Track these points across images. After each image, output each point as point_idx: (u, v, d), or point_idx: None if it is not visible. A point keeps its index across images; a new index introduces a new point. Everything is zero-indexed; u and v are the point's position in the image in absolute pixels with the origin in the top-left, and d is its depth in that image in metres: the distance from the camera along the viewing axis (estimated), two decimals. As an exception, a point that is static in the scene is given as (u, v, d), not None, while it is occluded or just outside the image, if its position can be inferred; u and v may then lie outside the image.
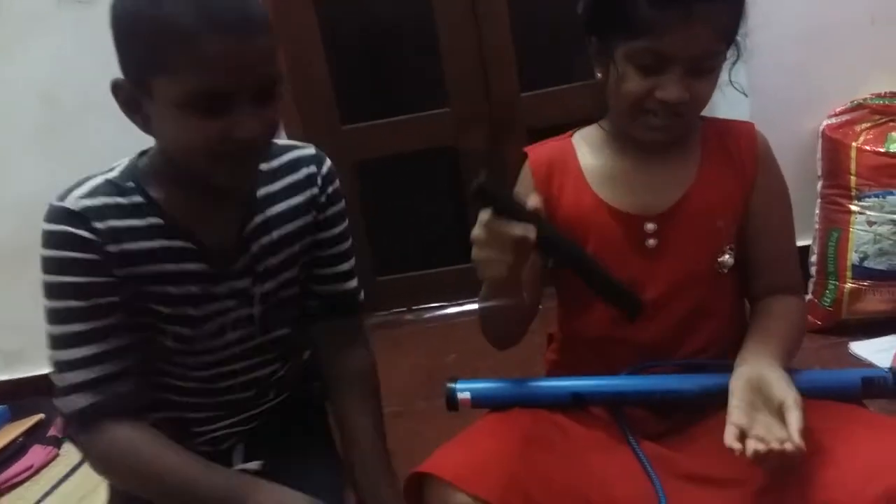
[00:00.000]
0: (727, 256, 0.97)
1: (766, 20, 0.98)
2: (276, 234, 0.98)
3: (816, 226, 1.88)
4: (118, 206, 0.88)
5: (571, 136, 1.04)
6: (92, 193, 0.88)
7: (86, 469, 1.85)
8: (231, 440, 1.07)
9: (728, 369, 0.87)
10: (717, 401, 0.84)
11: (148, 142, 0.91)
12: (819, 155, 1.87)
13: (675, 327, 0.97)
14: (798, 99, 1.87)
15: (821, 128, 1.86)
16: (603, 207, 0.97)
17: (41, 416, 2.08)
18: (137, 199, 0.90)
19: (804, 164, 1.84)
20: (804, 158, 1.85)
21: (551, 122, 2.09)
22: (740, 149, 0.98)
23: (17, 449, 1.94)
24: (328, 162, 1.04)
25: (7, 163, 2.07)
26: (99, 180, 0.90)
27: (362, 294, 1.12)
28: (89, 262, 0.86)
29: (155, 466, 0.89)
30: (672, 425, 0.96)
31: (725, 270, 0.97)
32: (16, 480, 1.85)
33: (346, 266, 1.08)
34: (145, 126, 0.86)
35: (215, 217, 0.94)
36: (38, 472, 1.89)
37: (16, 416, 2.11)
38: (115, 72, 0.82)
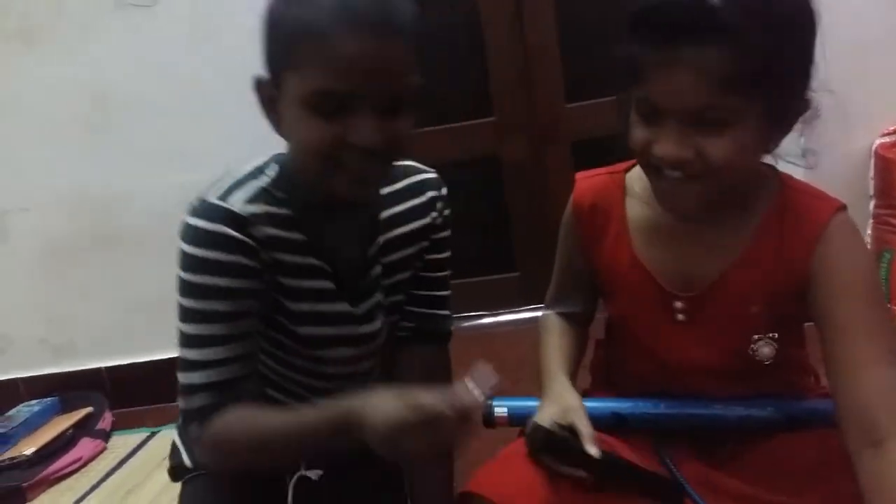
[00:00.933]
0: (764, 345, 0.87)
1: (820, 34, 0.89)
2: (395, 256, 0.98)
3: (868, 247, 1.83)
4: (270, 215, 0.86)
5: (627, 170, 0.96)
6: (254, 199, 0.85)
7: (133, 463, 1.91)
8: None
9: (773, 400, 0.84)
10: (760, 431, 0.83)
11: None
12: (871, 174, 1.83)
13: (710, 392, 0.93)
14: (849, 116, 1.82)
15: (873, 146, 1.82)
16: (639, 269, 0.91)
17: (90, 408, 2.12)
18: (285, 211, 0.88)
19: (855, 183, 1.80)
20: (856, 177, 1.81)
21: (596, 134, 2.10)
22: (796, 229, 0.83)
23: (66, 441, 1.97)
24: (444, 187, 1.03)
25: (58, 159, 2.11)
26: (255, 186, 0.87)
27: (452, 326, 1.10)
28: (242, 267, 0.84)
29: (269, 425, 0.84)
30: (714, 446, 0.94)
31: (767, 362, 0.87)
32: (64, 472, 1.89)
33: (443, 292, 1.07)
34: (278, 127, 0.83)
35: (341, 236, 0.93)
36: (86, 464, 1.94)
37: (65, 408, 2.15)
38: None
